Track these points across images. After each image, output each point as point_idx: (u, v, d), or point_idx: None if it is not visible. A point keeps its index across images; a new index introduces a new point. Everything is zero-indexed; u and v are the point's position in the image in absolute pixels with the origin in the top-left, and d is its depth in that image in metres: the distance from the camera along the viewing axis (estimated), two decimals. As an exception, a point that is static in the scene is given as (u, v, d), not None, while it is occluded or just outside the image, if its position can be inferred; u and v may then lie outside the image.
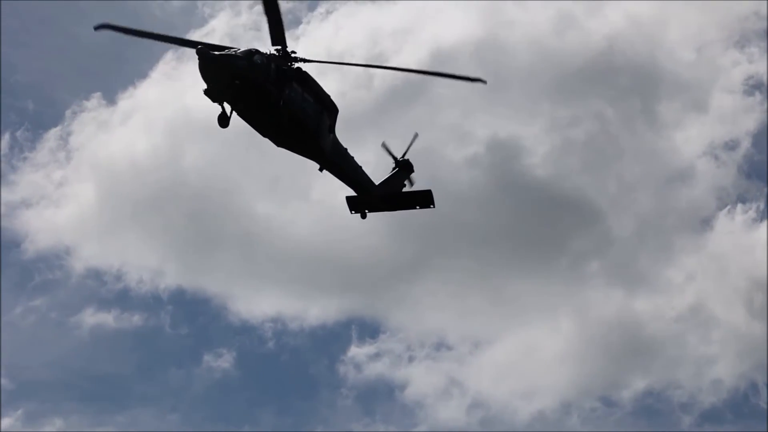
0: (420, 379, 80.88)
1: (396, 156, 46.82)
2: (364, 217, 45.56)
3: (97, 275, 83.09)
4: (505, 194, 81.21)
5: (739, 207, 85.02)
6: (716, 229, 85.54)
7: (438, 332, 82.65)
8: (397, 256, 79.75)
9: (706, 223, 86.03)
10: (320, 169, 42.66)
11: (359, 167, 44.48)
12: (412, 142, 47.08)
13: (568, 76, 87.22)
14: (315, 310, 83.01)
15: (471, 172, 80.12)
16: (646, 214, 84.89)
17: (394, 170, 46.61)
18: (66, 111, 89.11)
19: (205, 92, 38.31)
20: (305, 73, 40.15)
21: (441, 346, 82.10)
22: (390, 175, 46.30)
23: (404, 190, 46.53)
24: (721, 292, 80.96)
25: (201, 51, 36.88)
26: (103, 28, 39.56)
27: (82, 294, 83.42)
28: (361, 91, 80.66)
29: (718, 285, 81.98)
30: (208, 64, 37.19)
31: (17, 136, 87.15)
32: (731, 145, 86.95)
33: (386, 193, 45.47)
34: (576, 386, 79.83)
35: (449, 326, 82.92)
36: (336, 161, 42.88)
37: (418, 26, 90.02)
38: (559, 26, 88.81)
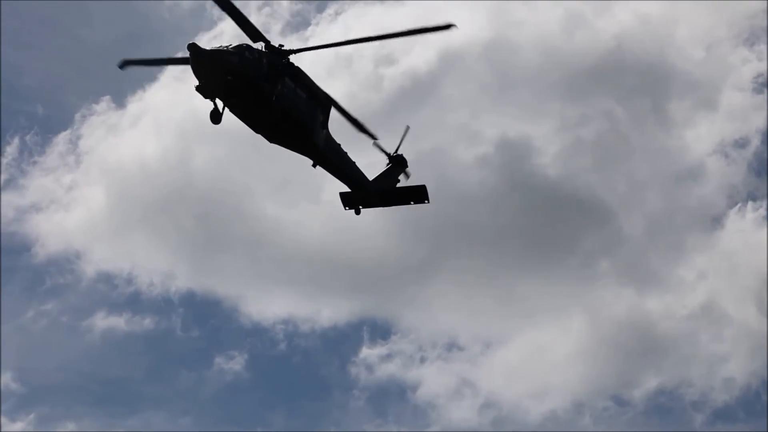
0: (432, 379, 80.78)
1: (388, 152, 46.46)
2: (358, 213, 45.31)
3: (107, 279, 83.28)
4: (515, 194, 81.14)
5: (749, 205, 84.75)
6: (727, 227, 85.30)
7: (449, 333, 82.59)
8: (408, 257, 79.97)
9: (716, 221, 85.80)
10: (313, 165, 42.45)
11: (353, 163, 44.24)
12: (404, 135, 46.76)
13: (577, 76, 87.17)
14: (326, 311, 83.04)
15: (480, 172, 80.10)
16: (657, 213, 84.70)
17: (387, 166, 46.29)
18: (75, 115, 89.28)
19: (197, 88, 38.25)
20: (298, 68, 39.98)
21: (452, 347, 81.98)
22: (384, 170, 46.03)
23: (399, 185, 46.13)
24: (733, 290, 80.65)
25: (192, 47, 36.79)
26: (127, 65, 40.90)
27: (93, 298, 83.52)
28: (370, 92, 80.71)
29: (729, 283, 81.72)
30: (200, 59, 37.09)
31: (26, 140, 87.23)
32: (741, 143, 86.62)
33: (380, 189, 45.18)
34: (588, 386, 79.75)
35: (460, 327, 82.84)
36: (329, 157, 42.65)
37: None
38: (568, 26, 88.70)
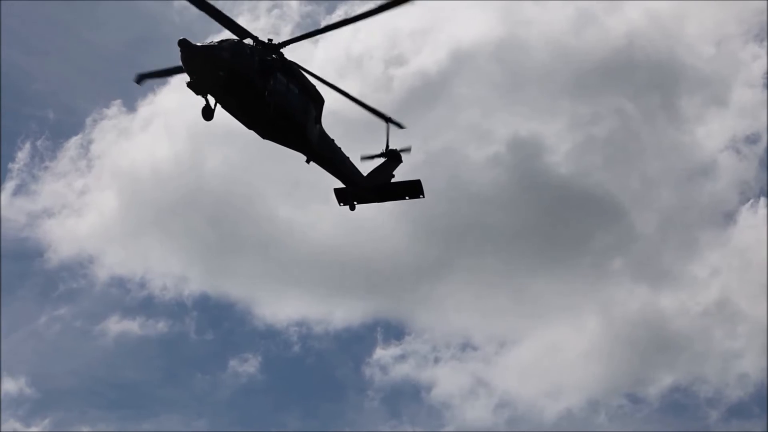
0: (446, 379, 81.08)
1: (378, 153, 45.98)
2: (352, 209, 44.97)
3: (121, 283, 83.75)
4: (527, 193, 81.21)
5: (762, 200, 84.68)
6: (739, 223, 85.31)
7: (463, 332, 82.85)
8: (421, 257, 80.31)
9: (729, 218, 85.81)
10: (307, 161, 42.15)
11: (347, 158, 43.93)
12: (388, 130, 46.12)
13: (588, 74, 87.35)
14: (340, 313, 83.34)
15: (492, 171, 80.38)
16: (669, 210, 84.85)
17: (382, 161, 45.97)
18: (86, 119, 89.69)
19: (189, 85, 38.02)
20: (291, 63, 39.66)
21: (466, 347, 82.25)
22: (378, 165, 45.69)
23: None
24: (746, 286, 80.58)
25: (183, 42, 36.60)
26: (144, 79, 40.96)
27: (106, 302, 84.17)
28: (380, 93, 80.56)
29: (742, 279, 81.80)
30: (191, 55, 36.89)
31: (38, 145, 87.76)
32: (753, 139, 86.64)
33: (375, 184, 44.84)
34: (602, 384, 79.94)
35: (474, 326, 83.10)
36: (323, 153, 42.35)
37: (437, 27, 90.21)
38: (578, 24, 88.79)
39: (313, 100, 40.87)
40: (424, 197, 44.59)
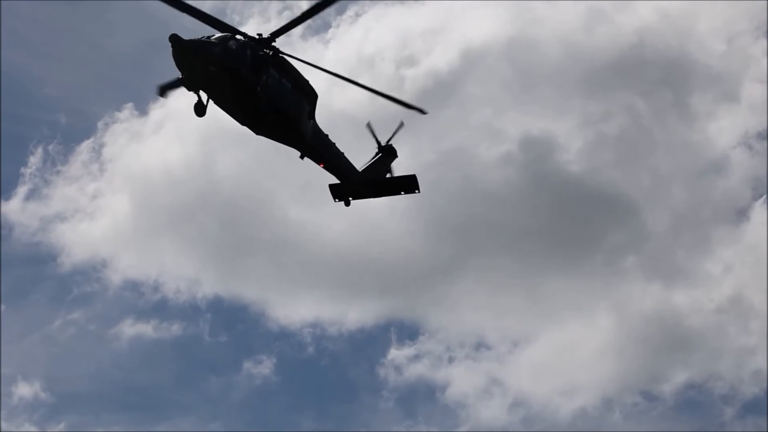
0: (460, 379, 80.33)
1: (380, 140, 45.83)
2: (347, 204, 44.65)
3: (134, 286, 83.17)
4: (539, 192, 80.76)
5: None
6: (752, 220, 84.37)
7: (477, 332, 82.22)
8: (434, 257, 79.82)
9: (741, 214, 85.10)
10: (301, 157, 41.87)
11: (341, 154, 43.60)
12: (398, 129, 45.85)
13: (598, 71, 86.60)
14: (353, 313, 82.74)
15: (504, 170, 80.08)
16: (682, 207, 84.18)
17: (376, 156, 45.66)
18: (98, 123, 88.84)
19: (181, 81, 37.82)
20: (282, 58, 39.32)
21: (480, 346, 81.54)
22: (373, 161, 45.39)
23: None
24: (760, 282, 79.29)
25: (174, 38, 36.27)
26: (166, 91, 39.39)
27: (120, 306, 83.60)
28: (392, 93, 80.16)
29: (756, 275, 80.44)
30: (182, 51, 36.59)
31: (50, 149, 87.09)
32: (764, 135, 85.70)
33: (370, 180, 44.55)
34: (617, 382, 79.24)
35: (488, 326, 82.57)
36: (317, 148, 42.02)
37: (448, 26, 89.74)
38: (589, 22, 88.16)
39: (306, 95, 40.52)
40: (419, 192, 44.28)
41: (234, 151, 78.15)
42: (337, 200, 44.73)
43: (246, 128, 40.05)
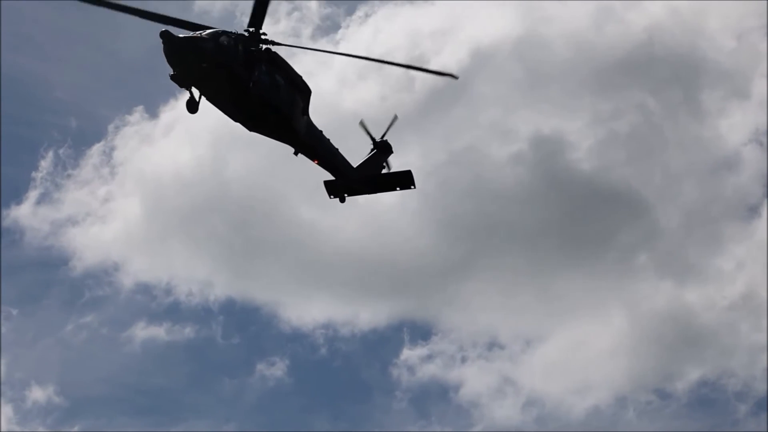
0: (474, 379, 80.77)
1: (374, 136, 45.53)
2: (342, 201, 44.29)
3: (146, 289, 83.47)
4: (551, 190, 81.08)
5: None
6: (764, 216, 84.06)
7: (490, 331, 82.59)
8: (446, 257, 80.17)
9: (753, 211, 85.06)
10: (295, 153, 41.55)
11: (336, 150, 43.24)
12: (392, 124, 45.70)
13: (609, 69, 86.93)
14: (365, 314, 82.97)
15: (515, 169, 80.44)
16: (693, 204, 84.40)
17: (371, 152, 45.29)
18: (108, 126, 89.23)
19: (172, 77, 37.47)
20: (275, 54, 39.02)
21: (493, 346, 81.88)
22: (367, 157, 45.04)
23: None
24: (772, 278, 78.55)
25: (165, 34, 36.07)
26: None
27: (132, 309, 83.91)
28: (402, 93, 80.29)
29: (768, 271, 79.55)
30: (173, 47, 36.33)
31: (60, 153, 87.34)
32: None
33: (365, 176, 44.21)
34: (630, 380, 79.70)
35: (500, 325, 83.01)
36: (311, 144, 41.65)
37: (457, 26, 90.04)
38: (598, 20, 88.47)
39: (300, 90, 40.13)
40: (415, 188, 43.89)
41: (244, 152, 78.43)
42: (332, 197, 44.35)
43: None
